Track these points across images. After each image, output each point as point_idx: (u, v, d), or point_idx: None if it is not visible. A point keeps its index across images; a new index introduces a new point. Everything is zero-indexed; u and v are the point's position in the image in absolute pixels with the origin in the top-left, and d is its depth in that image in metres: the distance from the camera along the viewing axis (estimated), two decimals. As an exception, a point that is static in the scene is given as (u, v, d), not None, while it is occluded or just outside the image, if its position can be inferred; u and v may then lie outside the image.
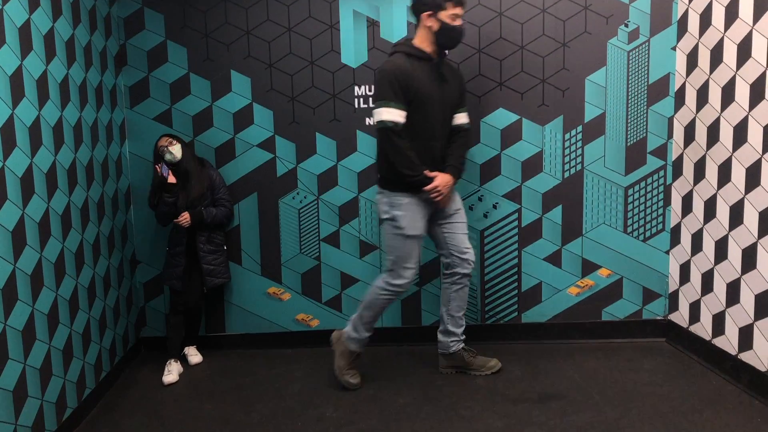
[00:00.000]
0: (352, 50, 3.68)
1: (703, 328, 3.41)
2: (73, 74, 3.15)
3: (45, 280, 2.80)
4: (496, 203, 3.74)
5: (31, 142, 2.72)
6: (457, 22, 2.99)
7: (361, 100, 3.71)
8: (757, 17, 2.85)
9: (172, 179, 3.51)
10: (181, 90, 3.74)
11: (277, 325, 3.94)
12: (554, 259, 3.79)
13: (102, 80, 3.49)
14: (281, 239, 3.86)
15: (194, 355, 3.76)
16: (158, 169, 3.48)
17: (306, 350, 3.89)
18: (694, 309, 3.50)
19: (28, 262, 2.65)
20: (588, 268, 3.78)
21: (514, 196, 3.74)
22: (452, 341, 3.34)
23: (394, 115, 2.90)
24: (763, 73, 2.81)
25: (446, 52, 3.23)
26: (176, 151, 3.52)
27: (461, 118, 3.25)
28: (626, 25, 3.58)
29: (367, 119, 3.72)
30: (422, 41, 3.04)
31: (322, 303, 3.92)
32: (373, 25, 3.66)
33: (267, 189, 3.82)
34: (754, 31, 2.88)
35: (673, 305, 3.72)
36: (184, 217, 3.53)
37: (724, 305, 3.21)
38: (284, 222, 3.85)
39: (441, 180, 3.05)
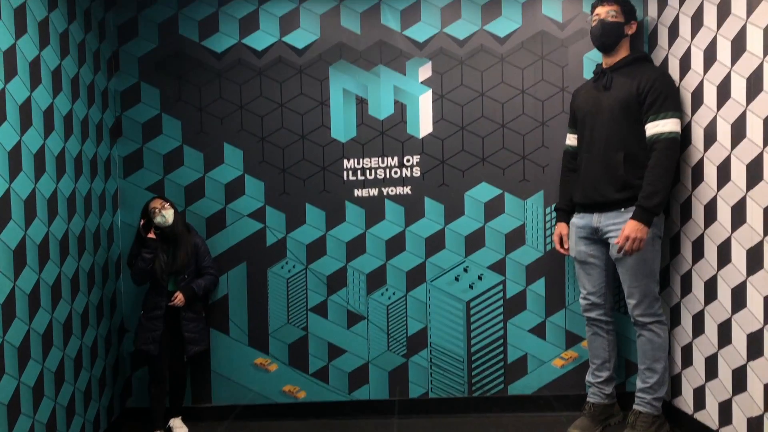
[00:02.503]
0: (342, 126, 3.83)
1: (685, 402, 3.46)
2: (70, 147, 3.24)
3: (32, 352, 2.80)
4: (481, 274, 3.83)
5: (26, 215, 2.77)
6: None
7: (350, 172, 3.84)
8: (720, 104, 3.05)
9: (151, 234, 3.49)
10: (174, 161, 3.84)
11: (264, 397, 3.92)
12: (539, 330, 3.86)
13: (97, 151, 3.58)
14: (269, 309, 3.89)
15: (180, 427, 3.70)
16: (142, 224, 3.51)
17: (293, 423, 3.86)
18: (676, 381, 3.56)
19: (16, 335, 2.66)
20: (572, 340, 3.85)
21: (499, 267, 3.83)
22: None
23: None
24: (728, 156, 2.99)
25: None
26: (169, 215, 3.52)
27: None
28: (601, 106, 3.78)
29: (356, 190, 3.83)
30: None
31: (309, 374, 3.91)
32: (361, 103, 3.82)
33: (256, 258, 3.87)
34: (718, 117, 3.07)
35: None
36: (178, 299, 3.52)
37: (704, 379, 3.28)
38: (272, 291, 3.89)
39: None
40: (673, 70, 3.47)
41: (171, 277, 3.57)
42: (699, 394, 3.35)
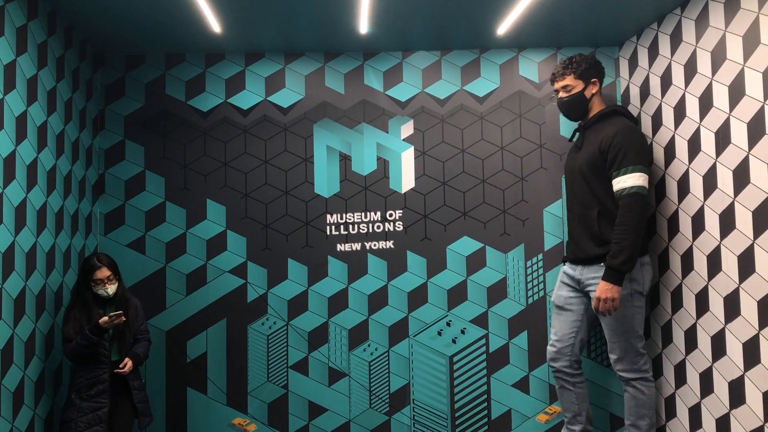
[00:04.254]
0: (325, 181, 3.89)
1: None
2: (52, 202, 3.24)
3: (2, 411, 2.70)
4: (464, 328, 3.82)
5: (3, 268, 2.74)
6: None
7: (333, 227, 3.87)
8: (692, 158, 3.17)
9: (108, 323, 3.00)
10: (156, 217, 3.84)
11: (242, 458, 3.79)
12: (522, 385, 3.83)
13: (79, 207, 3.58)
14: (248, 367, 3.82)
15: None
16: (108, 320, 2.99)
17: (271, 485, 3.72)
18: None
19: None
20: (555, 394, 3.81)
21: (481, 321, 3.83)
22: None
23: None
24: (702, 207, 3.08)
25: None
26: (111, 291, 3.17)
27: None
28: (577, 162, 3.90)
29: (339, 245, 3.85)
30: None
31: (288, 434, 3.81)
32: (345, 159, 3.90)
33: (236, 315, 3.83)
34: (690, 169, 3.19)
35: None
36: (129, 366, 3.13)
37: (689, 430, 3.25)
38: (252, 349, 3.83)
39: None
40: (646, 126, 3.61)
41: (114, 344, 3.18)
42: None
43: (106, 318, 2.99)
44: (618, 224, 2.81)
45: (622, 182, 2.85)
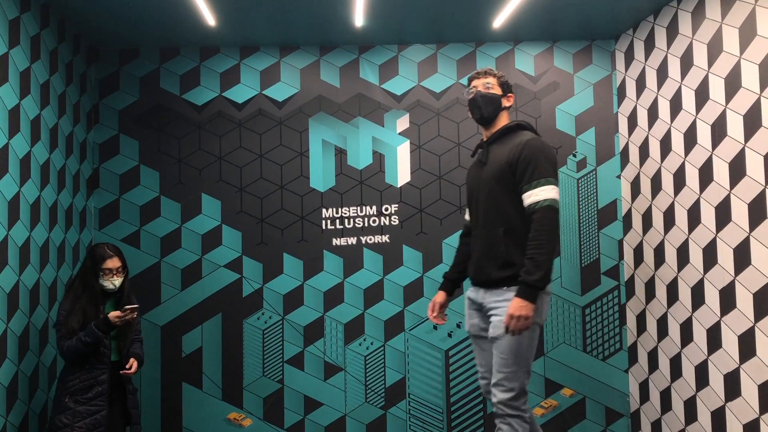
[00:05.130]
0: (321, 176, 3.87)
1: (668, 448, 3.43)
2: (45, 196, 3.22)
3: (-3, 405, 2.70)
4: (460, 323, 3.81)
5: (-2, 262, 2.72)
6: None
7: (328, 221, 3.85)
8: (687, 150, 3.17)
9: (118, 319, 2.85)
10: (151, 212, 3.83)
11: (237, 453, 3.79)
12: (518, 378, 3.82)
13: (73, 202, 3.56)
14: (244, 362, 3.81)
15: None
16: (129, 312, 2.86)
17: (266, 480, 3.72)
18: (656, 428, 3.53)
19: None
20: (551, 387, 3.82)
21: (477, 315, 3.82)
22: None
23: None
24: (698, 200, 3.08)
25: None
26: (118, 284, 3.01)
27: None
28: (574, 156, 3.90)
29: (334, 239, 3.84)
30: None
31: (284, 429, 3.80)
32: (340, 153, 3.88)
33: (232, 310, 3.82)
34: (686, 162, 3.18)
35: (636, 425, 3.75)
36: (135, 367, 2.98)
37: (684, 423, 3.26)
38: (248, 343, 3.81)
39: None
40: (642, 119, 3.61)
41: (113, 343, 3.00)
42: (656, 428, 3.34)
43: (118, 312, 2.81)
44: (531, 239, 2.54)
45: (534, 196, 2.56)
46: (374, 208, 3.87)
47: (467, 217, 3.02)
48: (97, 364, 2.87)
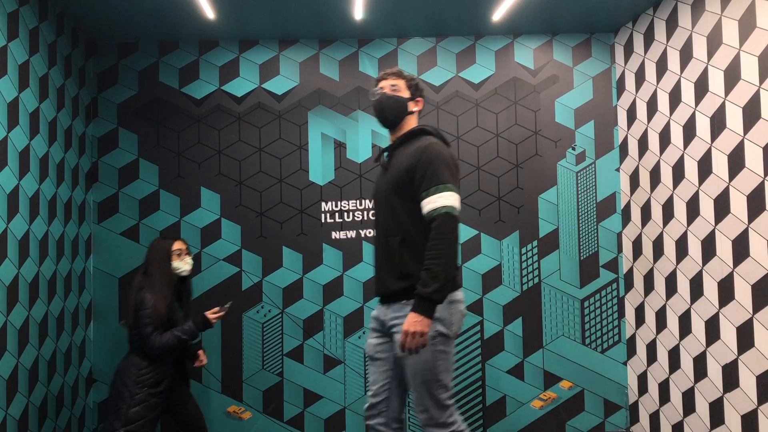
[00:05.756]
0: (320, 169, 3.87)
1: (666, 440, 3.44)
2: (44, 189, 3.22)
3: (-3, 398, 2.70)
4: (459, 316, 3.82)
5: (-2, 255, 2.73)
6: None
7: (328, 215, 3.85)
8: (687, 143, 3.17)
9: (215, 317, 3.11)
10: (150, 206, 3.83)
11: (237, 446, 3.80)
12: (517, 371, 3.83)
13: (72, 195, 3.56)
14: (243, 355, 3.81)
15: None
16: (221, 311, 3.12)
17: (266, 472, 3.73)
18: (654, 420, 3.54)
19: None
20: (550, 380, 3.83)
21: (476, 308, 3.83)
22: None
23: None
24: (696, 192, 3.08)
25: None
26: (190, 265, 3.18)
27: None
28: (573, 149, 3.90)
29: (334, 233, 3.84)
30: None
31: (283, 422, 3.81)
32: (339, 147, 3.88)
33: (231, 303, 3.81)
34: (685, 155, 3.18)
35: (634, 417, 3.76)
36: (205, 359, 3.31)
37: (682, 414, 3.27)
38: (247, 337, 3.82)
39: None
40: (641, 112, 3.61)
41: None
42: (654, 420, 3.36)
43: (221, 313, 3.01)
44: (429, 248, 2.32)
45: (432, 203, 2.36)
46: (374, 201, 3.86)
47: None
48: (168, 358, 3.02)
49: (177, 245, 3.12)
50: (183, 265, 3.11)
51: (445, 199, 2.34)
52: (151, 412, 2.93)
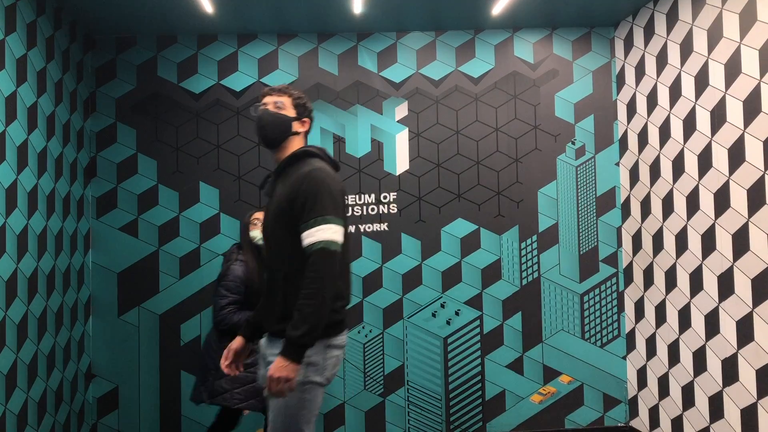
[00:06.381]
0: (318, 164, 3.86)
1: (665, 434, 3.45)
2: (43, 184, 3.21)
3: (-4, 393, 2.69)
4: (458, 310, 3.82)
5: (-3, 249, 2.72)
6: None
7: (326, 210, 3.84)
8: (687, 137, 3.17)
9: None
10: (149, 201, 3.82)
11: (237, 440, 3.79)
12: (516, 366, 3.84)
13: (70, 190, 3.55)
14: (243, 349, 3.81)
15: None
16: None
17: (266, 467, 3.72)
18: (654, 414, 3.55)
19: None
20: (549, 374, 3.83)
21: (476, 303, 3.83)
22: None
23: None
24: (696, 186, 3.08)
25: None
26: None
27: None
28: (573, 143, 3.89)
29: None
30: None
31: (283, 416, 3.80)
32: (338, 141, 3.87)
33: (231, 298, 3.81)
34: (685, 149, 3.18)
35: (634, 411, 3.77)
36: None
37: (681, 409, 3.27)
38: (247, 331, 3.81)
39: None
40: (641, 107, 3.60)
41: None
42: (653, 414, 3.35)
43: None
44: (303, 287, 2.10)
45: (310, 236, 2.12)
46: (373, 196, 3.86)
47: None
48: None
49: (256, 214, 3.13)
50: (258, 233, 3.07)
51: (323, 233, 2.10)
52: (238, 386, 2.88)
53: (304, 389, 2.16)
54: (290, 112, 2.38)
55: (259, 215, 3.13)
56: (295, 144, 2.37)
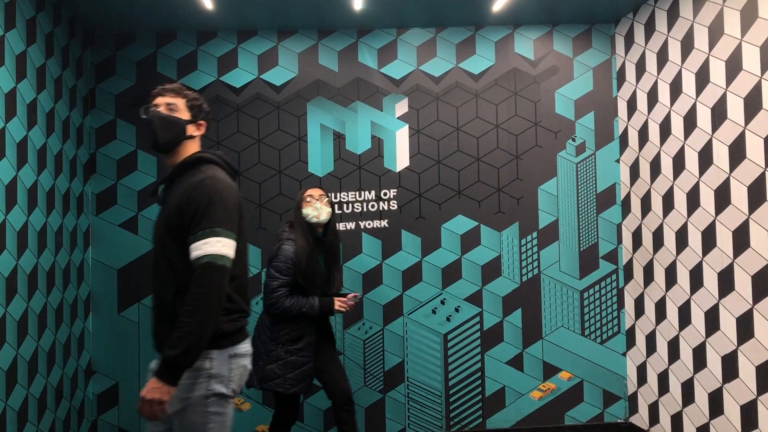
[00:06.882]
0: (319, 160, 3.86)
1: (663, 430, 3.45)
2: (43, 181, 3.20)
3: (-3, 389, 2.69)
4: (458, 306, 3.83)
5: (-3, 246, 2.71)
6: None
7: (327, 207, 3.85)
8: (687, 134, 3.17)
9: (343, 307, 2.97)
10: (148, 197, 3.81)
11: (237, 437, 3.80)
12: (516, 362, 3.84)
13: (70, 187, 3.54)
14: (244, 346, 3.81)
15: None
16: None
17: (266, 463, 3.73)
18: (653, 410, 3.55)
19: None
20: (549, 371, 3.84)
21: (475, 299, 3.84)
22: None
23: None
24: (697, 183, 3.08)
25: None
26: (323, 212, 2.96)
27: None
28: (573, 140, 3.89)
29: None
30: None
31: (283, 412, 3.81)
32: (339, 138, 3.87)
33: (231, 294, 3.81)
34: (686, 146, 3.18)
35: (633, 407, 3.77)
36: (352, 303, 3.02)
37: (681, 405, 3.28)
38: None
39: None
40: (642, 103, 3.60)
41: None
42: (653, 410, 3.35)
43: (344, 300, 2.91)
44: (185, 303, 1.94)
45: (196, 249, 1.97)
46: (373, 192, 3.86)
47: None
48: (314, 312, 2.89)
49: (309, 191, 3.00)
50: (311, 211, 2.93)
51: (211, 246, 1.94)
52: (290, 371, 2.81)
53: (209, 402, 2.00)
54: (184, 115, 2.20)
55: (313, 192, 3.00)
56: (189, 149, 2.20)
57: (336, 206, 3.84)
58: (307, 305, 2.84)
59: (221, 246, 1.94)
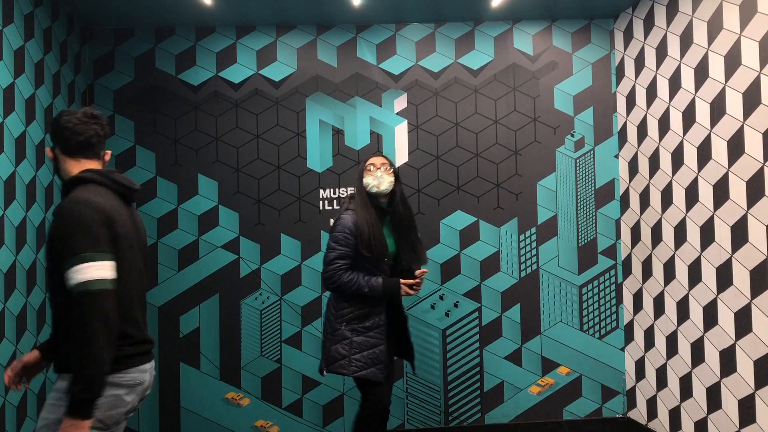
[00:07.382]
0: (318, 156, 3.86)
1: (661, 425, 3.46)
2: (41, 176, 3.20)
3: (-4, 384, 2.70)
4: (457, 302, 3.83)
5: (-4, 241, 2.71)
6: None
7: (326, 202, 3.85)
8: (686, 129, 3.17)
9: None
10: (147, 193, 3.81)
11: (236, 432, 3.81)
12: (515, 357, 3.85)
13: (69, 182, 3.53)
14: (241, 342, 3.82)
15: None
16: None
17: (265, 458, 3.74)
18: (651, 405, 3.56)
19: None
20: (548, 366, 3.85)
21: (474, 294, 3.84)
22: None
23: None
24: (696, 178, 3.08)
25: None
26: (384, 182, 2.76)
27: None
28: (572, 135, 3.89)
29: (332, 220, 3.83)
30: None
31: (282, 408, 3.82)
32: (338, 134, 3.87)
33: (229, 290, 3.81)
34: (684, 141, 3.18)
35: (632, 402, 3.78)
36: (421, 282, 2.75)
37: (679, 400, 3.29)
38: (245, 324, 3.82)
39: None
40: (640, 99, 3.60)
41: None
42: (651, 405, 3.36)
43: (411, 282, 2.67)
44: (73, 338, 1.81)
45: (69, 279, 1.83)
46: (372, 188, 3.85)
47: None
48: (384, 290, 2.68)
49: (372, 159, 2.81)
50: (372, 180, 2.74)
51: (81, 274, 1.81)
52: (357, 351, 2.60)
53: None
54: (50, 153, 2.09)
55: (375, 160, 2.80)
56: (67, 171, 2.04)
57: (335, 202, 3.85)
58: (368, 287, 2.62)
59: (93, 270, 1.82)
